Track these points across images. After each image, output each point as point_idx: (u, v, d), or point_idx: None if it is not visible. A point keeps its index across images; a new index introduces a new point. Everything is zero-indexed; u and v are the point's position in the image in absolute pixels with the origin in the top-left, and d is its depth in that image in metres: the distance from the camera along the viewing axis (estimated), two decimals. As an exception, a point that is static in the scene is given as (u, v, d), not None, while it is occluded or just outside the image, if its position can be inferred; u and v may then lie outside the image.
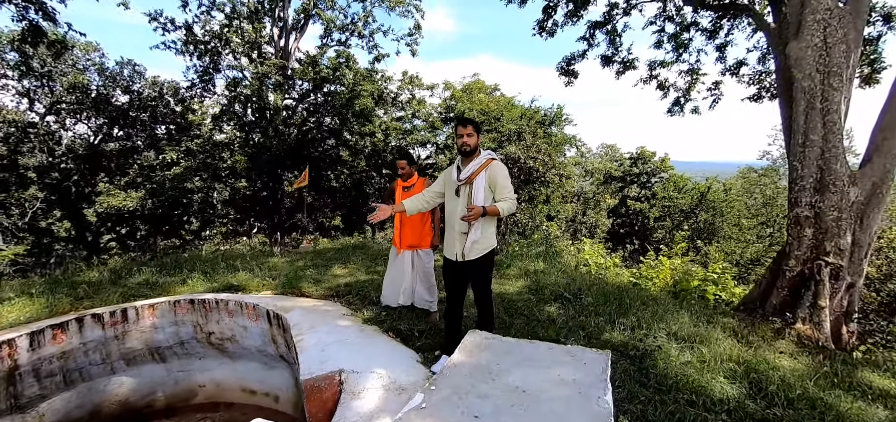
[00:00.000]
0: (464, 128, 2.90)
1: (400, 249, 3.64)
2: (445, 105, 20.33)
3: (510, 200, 2.83)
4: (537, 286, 4.94)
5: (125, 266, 5.66)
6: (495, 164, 2.90)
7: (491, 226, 2.97)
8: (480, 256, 2.92)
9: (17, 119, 18.45)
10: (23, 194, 19.06)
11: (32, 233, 20.07)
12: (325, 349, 2.80)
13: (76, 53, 19.81)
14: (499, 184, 2.82)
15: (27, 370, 3.51)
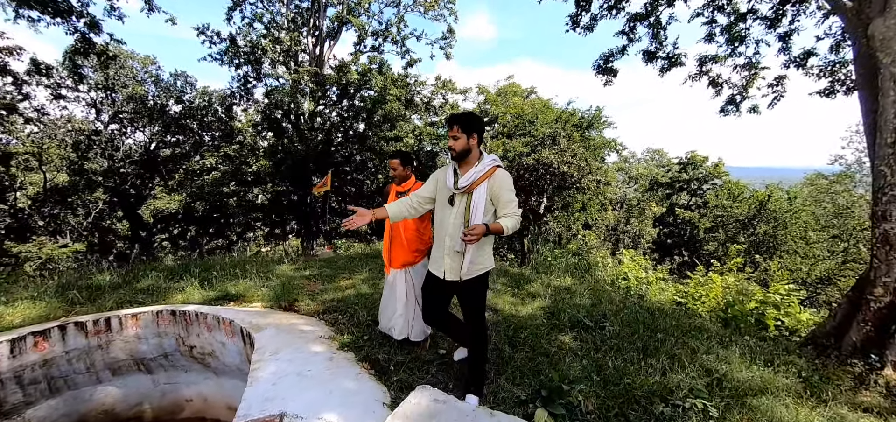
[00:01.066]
0: (449, 128, 2.46)
1: (388, 269, 3.16)
2: (479, 109, 19.86)
3: (514, 217, 2.37)
4: (556, 308, 4.31)
5: (133, 271, 5.66)
6: (499, 173, 2.44)
7: (488, 244, 2.53)
8: (475, 277, 2.48)
9: (85, 128, 20.14)
10: (89, 196, 20.66)
11: (97, 231, 21.72)
12: (277, 382, 2.40)
13: (135, 66, 21.32)
14: (502, 198, 2.38)
15: (9, 377, 3.43)
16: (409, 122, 15.66)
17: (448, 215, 2.55)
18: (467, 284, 2.53)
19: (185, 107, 20.48)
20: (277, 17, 17.31)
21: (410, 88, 17.37)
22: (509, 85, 19.04)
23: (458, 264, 2.50)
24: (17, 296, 4.46)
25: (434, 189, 2.64)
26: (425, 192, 2.66)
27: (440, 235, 2.61)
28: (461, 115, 2.50)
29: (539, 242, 9.87)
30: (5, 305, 4.15)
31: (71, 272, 5.93)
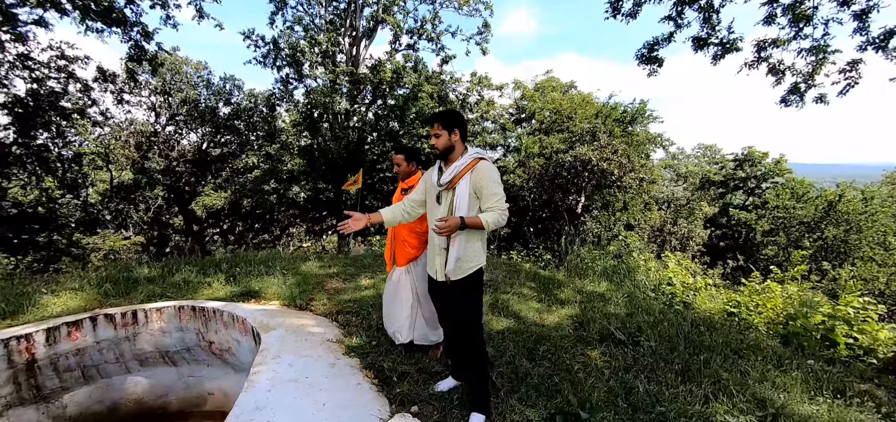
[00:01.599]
0: (431, 126, 2.41)
1: (390, 267, 3.01)
2: (516, 105, 19.37)
3: (498, 211, 2.28)
4: (586, 317, 3.95)
5: (169, 265, 5.90)
6: (482, 165, 2.33)
7: (476, 240, 2.36)
8: (464, 276, 2.32)
9: (145, 129, 21.74)
10: (149, 193, 22.27)
11: (156, 225, 23.40)
12: (272, 389, 2.30)
13: (189, 71, 22.69)
14: (486, 190, 2.28)
15: (45, 364, 3.62)
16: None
17: (436, 214, 2.43)
18: (456, 287, 2.36)
19: (233, 109, 21.67)
20: (316, 20, 17.77)
21: (445, 85, 17.24)
22: (547, 80, 18.40)
23: (444, 262, 2.35)
24: (62, 286, 4.75)
25: (424, 190, 2.56)
26: (417, 195, 2.60)
27: (430, 234, 2.49)
28: (441, 113, 2.43)
29: (575, 243, 9.37)
30: (51, 295, 4.41)
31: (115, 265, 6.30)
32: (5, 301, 4.13)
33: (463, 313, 2.41)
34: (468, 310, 2.40)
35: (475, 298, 2.41)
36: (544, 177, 14.05)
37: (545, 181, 14.27)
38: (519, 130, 18.37)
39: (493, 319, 3.81)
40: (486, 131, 19.03)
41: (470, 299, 2.39)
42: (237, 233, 23.04)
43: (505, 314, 3.97)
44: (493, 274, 5.75)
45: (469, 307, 2.40)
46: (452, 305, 2.44)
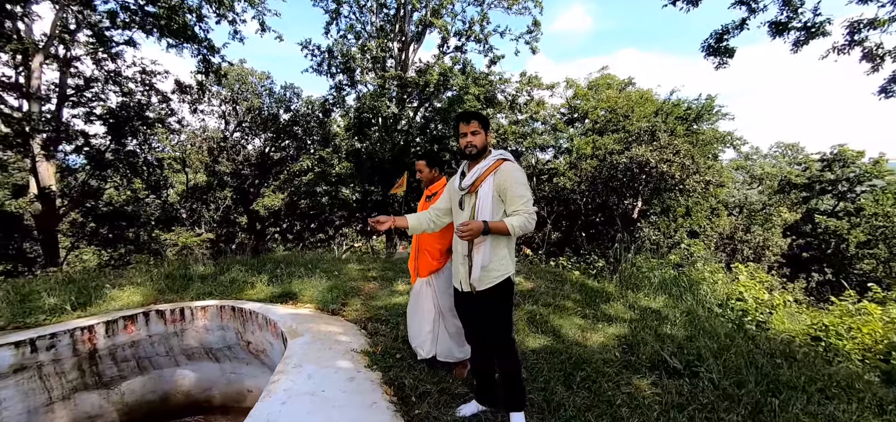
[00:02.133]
0: (467, 124, 2.25)
1: (414, 278, 2.86)
2: (568, 104, 18.60)
3: (525, 214, 2.10)
4: (636, 338, 3.54)
5: (221, 263, 6.23)
6: (506, 166, 2.18)
7: (503, 246, 2.18)
8: (490, 286, 2.15)
9: (216, 136, 23.66)
10: (219, 194, 24.18)
11: (224, 224, 25.33)
12: (287, 401, 2.23)
13: (254, 81, 24.36)
14: (510, 193, 2.12)
15: (105, 354, 3.91)
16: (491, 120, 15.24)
17: (459, 220, 2.27)
18: (483, 297, 2.19)
19: (292, 115, 23.03)
20: (367, 27, 18.30)
21: (494, 86, 16.97)
22: (602, 77, 17.44)
23: (469, 271, 2.20)
24: (128, 281, 5.17)
25: (449, 197, 2.43)
26: (442, 203, 2.47)
27: (455, 242, 2.35)
28: (479, 114, 2.31)
29: (631, 251, 8.68)
30: (117, 289, 4.80)
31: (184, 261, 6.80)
32: (78, 293, 4.55)
33: (491, 327, 2.24)
34: (496, 323, 2.22)
35: (504, 309, 2.23)
36: (597, 179, 13.28)
37: (598, 184, 13.48)
38: (571, 131, 17.59)
39: (528, 335, 3.52)
40: (535, 133, 18.45)
41: (498, 311, 2.21)
42: (295, 232, 24.40)
43: (542, 330, 3.66)
44: (535, 283, 5.42)
45: (497, 320, 2.22)
46: (479, 317, 2.28)
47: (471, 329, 2.41)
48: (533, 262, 8.69)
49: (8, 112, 11.84)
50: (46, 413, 3.72)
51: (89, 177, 16.92)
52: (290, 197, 16.85)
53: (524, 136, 17.77)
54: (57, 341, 3.63)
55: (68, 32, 13.23)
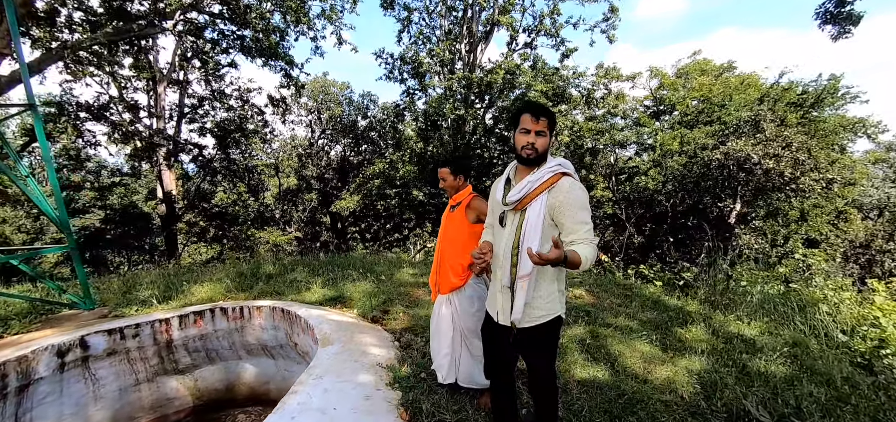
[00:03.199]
0: (535, 119, 1.77)
1: (434, 295, 2.63)
2: (653, 96, 16.89)
3: (588, 244, 1.68)
4: (714, 377, 2.90)
5: (288, 264, 6.64)
6: (566, 183, 1.76)
7: (551, 281, 1.81)
8: (536, 325, 1.82)
9: (303, 143, 25.84)
10: (306, 196, 26.37)
11: (310, 224, 27.58)
12: (296, 417, 2.17)
13: (335, 91, 26.13)
14: (569, 217, 1.72)
15: (179, 344, 4.33)
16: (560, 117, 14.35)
17: (500, 239, 1.92)
18: (526, 335, 1.86)
19: (369, 121, 24.37)
20: (436, 31, 18.52)
21: (567, 81, 16.05)
22: (694, 63, 15.48)
23: (509, 305, 1.84)
24: (207, 277, 5.74)
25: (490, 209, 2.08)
26: (489, 218, 2.11)
27: (494, 264, 1.98)
28: (549, 110, 1.83)
29: (723, 261, 7.47)
30: (195, 284, 5.35)
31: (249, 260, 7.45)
32: (165, 288, 5.15)
33: (538, 363, 1.93)
34: (538, 354, 1.91)
35: (548, 345, 1.90)
36: (687, 178, 11.75)
37: (688, 183, 11.93)
38: (656, 125, 15.91)
39: (575, 362, 3.08)
40: (614, 128, 17.04)
41: (541, 346, 1.89)
42: (372, 232, 25.75)
43: (595, 357, 3.19)
44: (597, 297, 4.85)
45: (539, 352, 1.91)
46: (525, 355, 1.97)
47: (492, 360, 2.08)
48: (607, 269, 7.92)
49: (141, 129, 14.17)
50: (134, 392, 4.23)
51: (202, 182, 19.57)
52: (364, 200, 17.69)
53: (601, 132, 16.50)
54: (140, 330, 4.10)
55: (185, 60, 15.46)
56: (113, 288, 5.36)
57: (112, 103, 13.07)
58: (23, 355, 3.34)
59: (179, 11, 9.84)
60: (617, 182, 15.56)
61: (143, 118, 14.78)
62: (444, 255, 2.57)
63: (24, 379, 3.37)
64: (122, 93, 14.29)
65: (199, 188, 19.01)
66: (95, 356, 3.86)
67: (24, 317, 4.17)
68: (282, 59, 12.25)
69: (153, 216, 17.94)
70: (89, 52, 9.95)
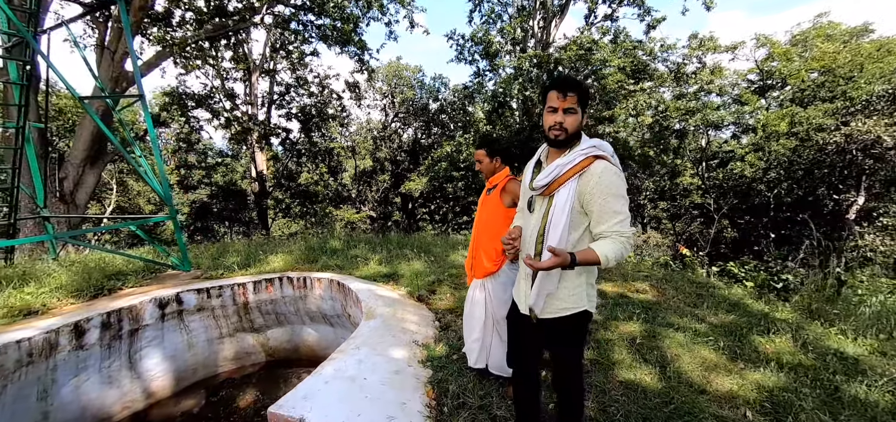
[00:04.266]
0: (562, 96, 1.62)
1: (470, 278, 2.59)
2: (758, 68, 14.73)
3: (619, 240, 1.56)
4: (790, 398, 2.48)
5: (351, 241, 7.05)
6: (599, 167, 1.59)
7: (580, 273, 1.70)
8: (558, 317, 1.72)
9: (377, 126, 26.99)
10: (380, 177, 27.66)
11: (383, 203, 28.96)
12: (330, 382, 2.32)
13: (408, 75, 26.77)
14: (600, 205, 1.58)
15: (253, 306, 4.87)
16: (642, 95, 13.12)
17: (526, 226, 1.84)
18: (550, 326, 1.76)
19: (440, 104, 24.67)
20: (509, 8, 17.93)
21: (653, 55, 14.60)
22: (816, 28, 13.05)
23: (530, 291, 1.77)
24: (282, 248, 6.34)
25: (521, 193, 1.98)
26: (521, 202, 2.00)
27: (521, 251, 1.89)
28: (580, 83, 1.66)
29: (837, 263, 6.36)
30: (271, 254, 5.94)
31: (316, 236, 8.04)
32: (246, 256, 5.80)
33: (561, 357, 1.84)
34: (567, 357, 1.82)
35: (573, 340, 1.79)
36: (796, 165, 10.09)
37: (797, 170, 10.25)
38: (760, 103, 13.86)
39: (622, 361, 2.85)
40: (708, 107, 15.16)
41: (565, 340, 1.79)
42: (441, 213, 26.35)
43: (646, 358, 2.92)
44: (662, 293, 4.42)
45: (568, 354, 1.81)
46: (549, 347, 1.88)
47: (516, 350, 2.01)
48: (688, 264, 7.18)
49: (239, 116, 15.93)
50: (219, 344, 4.87)
51: (288, 162, 21.49)
52: (431, 182, 18.06)
53: (692, 112, 14.80)
54: (223, 292, 4.69)
55: (274, 50, 16.95)
56: (207, 254, 6.19)
57: (215, 93, 14.86)
58: (133, 305, 4.02)
59: (266, 5, 10.76)
60: (708, 168, 13.91)
61: (239, 105, 16.62)
62: (478, 239, 2.53)
63: (135, 324, 4.06)
64: (223, 83, 16.18)
65: (287, 168, 20.94)
66: (188, 311, 4.50)
67: (139, 274, 5.00)
68: (355, 45, 12.85)
69: (248, 193, 20.17)
70: (195, 48, 11.37)
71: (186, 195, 19.32)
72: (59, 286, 4.20)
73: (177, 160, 19.25)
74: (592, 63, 12.85)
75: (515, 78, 14.80)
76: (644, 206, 17.36)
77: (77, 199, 7.60)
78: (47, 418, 3.38)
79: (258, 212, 18.27)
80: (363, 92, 18.96)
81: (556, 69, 12.78)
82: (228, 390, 4.65)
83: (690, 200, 14.98)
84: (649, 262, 7.42)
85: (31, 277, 4.31)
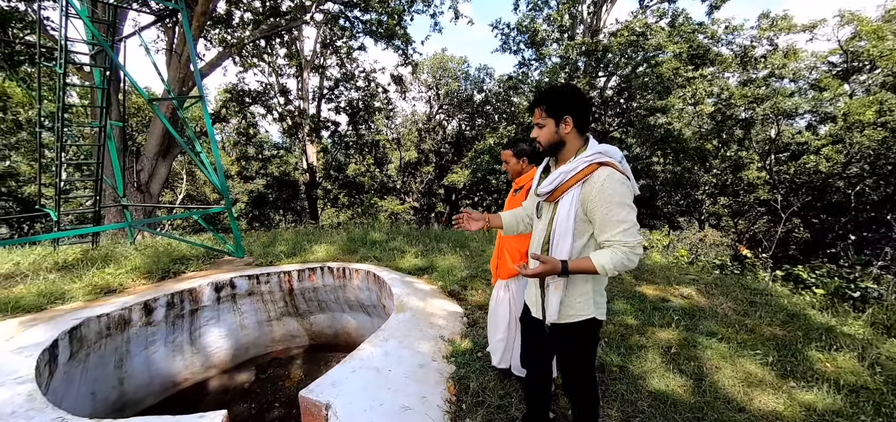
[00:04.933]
0: (533, 113, 1.77)
1: (495, 278, 2.59)
2: (842, 49, 13.16)
3: (622, 248, 1.54)
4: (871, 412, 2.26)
5: (390, 233, 7.25)
6: (602, 175, 1.58)
7: (586, 281, 1.71)
8: (568, 323, 1.74)
9: (422, 118, 27.27)
10: (424, 169, 27.98)
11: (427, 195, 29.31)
12: (356, 371, 2.44)
13: (452, 66, 26.72)
14: (603, 214, 1.58)
15: (298, 293, 5.20)
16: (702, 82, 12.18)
17: (534, 233, 1.89)
18: (557, 332, 1.79)
19: (484, 96, 24.48)
20: (556, -5, 17.30)
21: (716, 38, 13.50)
22: (917, -1, 11.39)
23: (541, 301, 1.79)
24: (325, 239, 6.67)
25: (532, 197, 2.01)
26: (529, 202, 2.06)
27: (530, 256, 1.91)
28: (547, 92, 1.70)
29: None
30: (315, 244, 6.27)
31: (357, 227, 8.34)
32: (293, 246, 6.17)
33: (566, 359, 1.85)
34: (571, 359, 1.83)
35: (582, 347, 1.79)
36: (883, 159, 8.95)
37: (886, 166, 9.10)
38: (844, 88, 12.41)
39: (654, 370, 2.73)
40: (780, 93, 13.77)
41: (574, 348, 1.80)
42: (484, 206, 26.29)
43: (682, 369, 2.77)
44: (711, 299, 4.14)
45: (572, 356, 1.82)
46: (557, 352, 1.90)
47: (528, 352, 2.04)
48: (748, 266, 6.67)
49: (292, 110, 16.81)
50: (268, 326, 5.25)
51: (337, 154, 22.37)
52: (473, 175, 18.03)
53: (760, 99, 13.52)
54: (270, 278, 5.04)
55: (324, 47, 17.63)
56: (259, 242, 6.66)
57: (270, 89, 15.77)
58: (193, 287, 4.45)
59: (316, 4, 11.22)
60: (776, 161, 12.71)
61: (292, 100, 17.53)
62: (503, 240, 2.54)
63: (195, 305, 4.49)
64: (278, 79, 17.13)
65: (336, 159, 21.85)
66: (240, 294, 4.90)
67: (199, 259, 5.51)
68: (400, 39, 13.07)
69: (300, 184, 21.28)
70: (253, 47, 12.13)
71: (245, 185, 20.75)
72: (133, 268, 4.73)
73: (238, 152, 20.74)
74: (646, 49, 12.11)
75: (561, 68, 14.32)
76: (702, 201, 16.19)
77: (151, 188, 8.47)
78: (123, 383, 3.86)
79: (308, 202, 19.25)
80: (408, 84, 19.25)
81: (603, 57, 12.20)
82: (275, 369, 5.02)
83: (755, 196, 13.77)
84: (701, 263, 6.96)
85: (111, 260, 4.90)
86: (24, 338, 2.96)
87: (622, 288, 4.42)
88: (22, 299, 3.64)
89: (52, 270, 4.57)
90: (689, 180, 14.24)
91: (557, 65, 14.29)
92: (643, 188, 13.64)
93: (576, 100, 1.65)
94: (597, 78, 14.64)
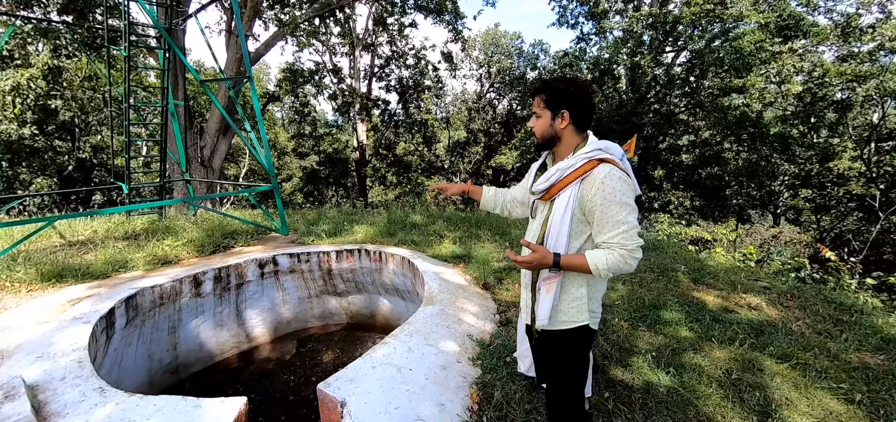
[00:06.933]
0: (532, 101, 1.69)
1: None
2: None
3: (621, 249, 1.44)
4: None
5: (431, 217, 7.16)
6: (601, 172, 1.48)
7: (581, 285, 1.59)
8: (556, 330, 1.64)
9: (471, 98, 26.81)
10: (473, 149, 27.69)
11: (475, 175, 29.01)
12: (377, 367, 2.37)
13: (506, 43, 25.82)
14: (601, 213, 1.48)
15: (336, 273, 5.29)
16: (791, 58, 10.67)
17: (530, 230, 1.77)
18: (545, 338, 1.69)
19: (538, 73, 23.48)
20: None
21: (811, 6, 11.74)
22: None
23: (530, 305, 1.71)
24: (366, 220, 6.73)
25: (525, 189, 1.91)
26: (517, 192, 1.98)
27: None
28: (549, 81, 1.57)
29: None
30: (356, 225, 6.35)
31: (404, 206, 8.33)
32: (336, 225, 6.29)
33: (555, 369, 1.72)
34: (559, 370, 1.69)
35: (573, 359, 1.65)
36: None
37: None
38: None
39: (710, 393, 2.39)
40: (889, 70, 11.76)
41: (563, 358, 1.66)
42: (528, 189, 25.77)
43: (744, 396, 2.39)
44: (784, 312, 3.60)
45: (561, 367, 1.68)
46: (541, 355, 1.79)
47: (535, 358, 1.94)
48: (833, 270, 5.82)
49: (343, 88, 17.15)
50: (308, 303, 5.42)
51: (386, 132, 22.65)
52: (523, 157, 17.47)
53: (862, 77, 11.63)
54: (311, 258, 5.16)
55: (376, 23, 17.68)
56: (304, 220, 6.88)
57: (322, 68, 16.15)
58: (239, 263, 4.66)
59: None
60: (877, 151, 10.96)
61: (344, 78, 17.88)
62: None
63: (240, 280, 4.71)
64: (332, 57, 17.50)
65: (386, 137, 22.17)
66: (282, 271, 5.07)
67: (248, 235, 5.78)
68: (449, 13, 12.73)
69: (350, 162, 21.88)
70: (308, 26, 12.39)
71: (299, 162, 21.73)
72: (189, 241, 5.05)
73: (295, 129, 21.70)
74: (724, 19, 10.79)
75: (624, 42, 13.21)
76: (779, 193, 14.44)
77: (213, 163, 9.06)
78: (176, 348, 4.16)
79: (358, 179, 19.77)
80: (458, 62, 18.87)
81: (673, 30, 11.03)
82: (314, 345, 5.19)
83: (846, 190, 12.02)
84: (775, 263, 6.18)
85: (171, 232, 5.27)
86: (84, 305, 3.24)
87: (678, 292, 3.98)
88: (91, 266, 4.00)
89: (121, 239, 5.00)
90: (766, 169, 12.69)
91: (619, 39, 13.19)
92: (710, 178, 12.35)
93: (578, 95, 1.52)
94: (663, 54, 13.34)
